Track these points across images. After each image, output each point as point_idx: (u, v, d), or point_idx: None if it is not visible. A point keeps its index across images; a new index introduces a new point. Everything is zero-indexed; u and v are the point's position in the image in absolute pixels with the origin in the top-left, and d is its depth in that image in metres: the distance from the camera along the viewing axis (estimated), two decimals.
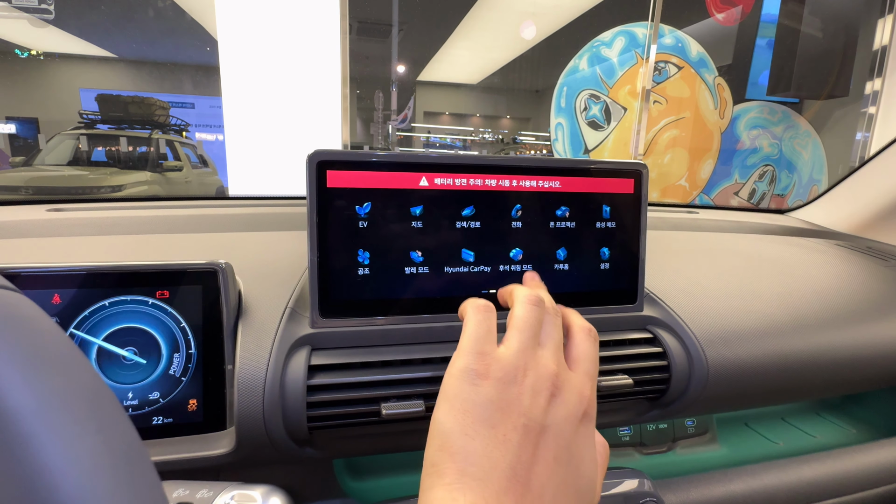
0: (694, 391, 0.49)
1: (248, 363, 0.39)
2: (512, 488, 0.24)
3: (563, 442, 0.26)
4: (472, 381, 0.27)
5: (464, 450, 0.24)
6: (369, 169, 0.42)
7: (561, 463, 0.26)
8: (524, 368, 0.28)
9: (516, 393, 0.27)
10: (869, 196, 0.88)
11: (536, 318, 0.31)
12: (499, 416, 0.26)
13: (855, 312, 0.61)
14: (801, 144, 3.58)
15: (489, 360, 0.28)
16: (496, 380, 0.27)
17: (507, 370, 0.27)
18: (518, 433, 0.25)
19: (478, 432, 0.25)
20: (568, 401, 0.28)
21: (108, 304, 0.39)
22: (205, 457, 0.38)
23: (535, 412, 0.26)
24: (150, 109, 4.73)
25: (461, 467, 0.24)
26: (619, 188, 0.48)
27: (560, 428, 0.27)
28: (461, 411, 0.26)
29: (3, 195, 3.40)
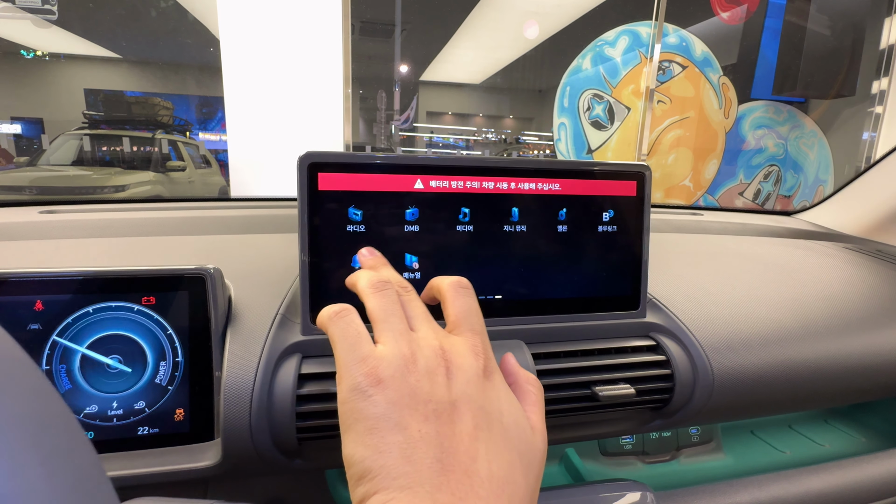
0: (699, 401, 0.47)
1: (236, 372, 0.38)
2: (445, 481, 0.22)
3: (474, 406, 0.25)
4: (365, 394, 0.24)
5: (383, 469, 0.22)
6: (362, 171, 0.41)
7: (481, 427, 0.25)
8: (410, 355, 0.26)
9: (413, 382, 0.25)
10: (878, 198, 0.86)
11: (391, 300, 0.29)
12: (406, 414, 0.24)
13: (865, 318, 0.59)
14: (807, 144, 3.55)
15: (373, 363, 0.25)
16: (388, 379, 0.25)
17: (395, 364, 0.25)
18: (431, 422, 0.24)
19: (391, 444, 0.23)
20: (464, 365, 0.27)
21: (93, 311, 0.37)
22: (190, 469, 0.36)
23: (438, 392, 0.25)
24: (154, 109, 4.74)
25: (385, 486, 0.22)
26: (622, 191, 0.47)
27: (468, 395, 0.26)
28: (367, 432, 0.24)
29: (6, 195, 3.42)
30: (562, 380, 0.44)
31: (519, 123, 6.45)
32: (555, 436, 0.49)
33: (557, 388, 0.44)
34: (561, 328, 0.47)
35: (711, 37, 3.31)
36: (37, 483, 0.13)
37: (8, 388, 0.14)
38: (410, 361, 0.26)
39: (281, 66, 2.38)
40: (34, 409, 0.15)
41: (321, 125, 2.48)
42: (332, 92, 2.46)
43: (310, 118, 2.47)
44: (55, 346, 0.37)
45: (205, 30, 4.08)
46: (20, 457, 0.13)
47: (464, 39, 4.89)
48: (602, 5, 3.73)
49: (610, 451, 0.63)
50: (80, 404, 0.37)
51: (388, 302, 0.29)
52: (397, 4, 4.55)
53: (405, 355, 0.26)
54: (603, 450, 0.63)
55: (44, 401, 0.16)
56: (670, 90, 3.26)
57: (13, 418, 0.14)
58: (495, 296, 0.45)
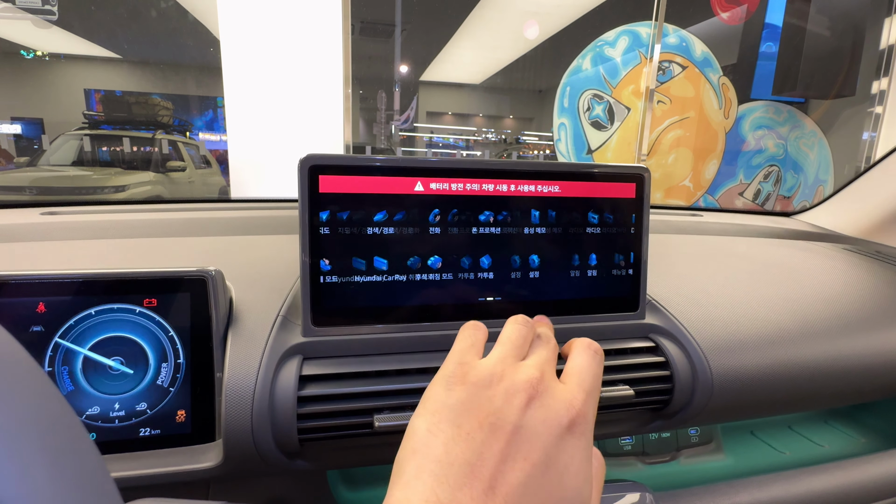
0: (698, 402, 0.48)
1: (237, 373, 0.38)
2: (469, 484, 0.23)
3: (539, 445, 0.25)
4: (448, 385, 0.27)
5: (425, 447, 0.24)
6: (363, 174, 0.41)
7: (537, 466, 0.24)
8: (500, 375, 0.27)
9: (488, 395, 0.26)
10: (877, 199, 0.87)
11: (521, 335, 0.31)
12: (466, 415, 0.25)
13: (864, 319, 0.59)
14: (807, 144, 3.55)
15: (467, 368, 0.28)
16: (470, 384, 0.27)
17: (482, 375, 0.27)
18: (484, 431, 0.25)
19: (442, 430, 0.25)
20: (549, 405, 0.26)
21: (95, 313, 0.38)
22: (191, 470, 0.37)
23: (507, 412, 0.25)
24: (154, 110, 4.74)
25: (420, 464, 0.24)
26: (621, 193, 0.47)
27: (536, 430, 0.25)
28: (431, 412, 0.26)
29: (7, 195, 3.42)
30: None
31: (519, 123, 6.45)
32: None
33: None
34: (560, 329, 0.47)
35: (711, 37, 3.31)
36: (43, 485, 0.14)
37: (14, 392, 0.14)
38: (497, 379, 0.27)
39: (281, 66, 2.39)
40: (40, 411, 0.15)
41: (321, 125, 2.48)
42: (332, 92, 2.46)
43: (310, 118, 2.47)
44: (58, 347, 0.37)
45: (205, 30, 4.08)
46: (27, 459, 0.13)
47: (464, 40, 4.89)
48: (602, 5, 3.73)
49: (610, 452, 0.63)
50: (83, 406, 0.37)
51: (519, 336, 0.31)
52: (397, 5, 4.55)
53: (495, 373, 0.27)
54: (603, 450, 0.63)
55: (49, 403, 0.16)
56: (670, 90, 3.26)
57: (20, 421, 0.14)
58: (495, 297, 0.45)
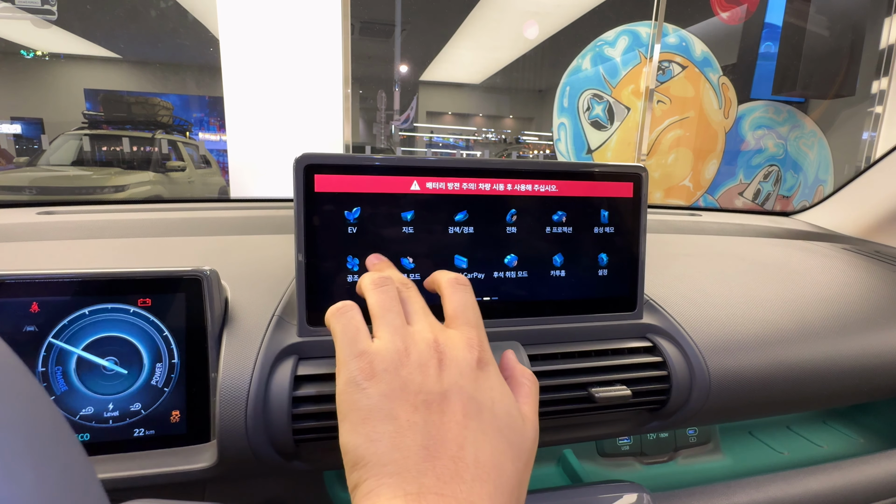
0: (695, 402, 0.47)
1: (232, 374, 0.38)
2: (430, 467, 0.23)
3: (465, 396, 0.26)
4: (360, 387, 0.26)
5: (374, 456, 0.24)
6: (359, 173, 0.41)
7: (471, 416, 0.26)
8: (404, 349, 0.27)
9: (405, 375, 0.26)
10: (876, 198, 0.86)
11: (390, 297, 0.30)
12: (396, 405, 0.25)
13: (863, 319, 0.59)
14: (807, 144, 3.55)
15: (368, 358, 0.27)
16: (382, 372, 0.26)
17: (389, 358, 0.27)
18: (420, 412, 0.25)
19: (381, 433, 0.24)
20: (457, 357, 0.28)
21: (89, 313, 0.37)
22: (186, 471, 0.36)
23: (429, 384, 0.26)
24: (154, 109, 4.74)
25: (375, 472, 0.23)
26: (618, 192, 0.47)
27: (458, 385, 0.26)
28: (360, 422, 0.25)
29: (6, 195, 3.42)
30: (558, 381, 0.44)
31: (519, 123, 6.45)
32: (551, 437, 0.49)
33: (554, 390, 0.44)
34: (558, 329, 0.47)
35: (711, 37, 3.31)
36: (29, 489, 0.13)
37: (1, 394, 0.14)
38: (404, 355, 0.27)
39: (280, 66, 2.38)
40: (26, 413, 0.15)
41: (321, 125, 2.48)
42: (331, 92, 2.46)
43: (309, 118, 2.47)
44: (51, 347, 0.37)
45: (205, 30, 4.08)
46: (13, 463, 0.13)
47: (464, 39, 4.89)
48: (602, 5, 3.73)
49: (607, 452, 0.63)
50: (76, 406, 0.37)
51: (386, 298, 0.30)
52: (397, 4, 4.55)
53: (399, 349, 0.27)
54: (600, 451, 0.63)
55: (35, 405, 0.16)
56: (670, 90, 3.26)
57: (6, 424, 0.14)
58: (492, 297, 0.45)
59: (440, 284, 0.33)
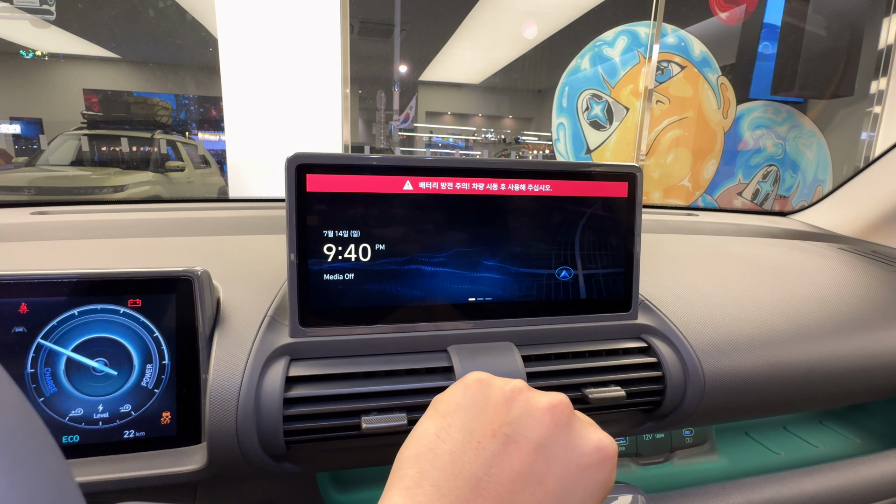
0: (690, 403, 0.47)
1: (222, 375, 0.37)
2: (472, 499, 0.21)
3: (559, 472, 0.22)
4: (465, 387, 0.25)
5: (431, 451, 0.22)
6: (351, 173, 0.40)
7: (551, 496, 0.22)
8: (521, 390, 0.25)
9: (506, 402, 0.24)
10: (873, 198, 0.86)
11: None
12: (480, 420, 0.23)
13: (858, 320, 0.59)
14: (806, 144, 3.55)
15: (488, 379, 0.26)
16: (487, 386, 0.25)
17: (504, 385, 0.25)
18: (497, 442, 0.22)
19: (451, 435, 0.23)
20: (577, 433, 0.24)
21: (78, 314, 0.37)
22: (175, 473, 0.36)
23: (526, 425, 0.23)
24: (153, 109, 4.73)
25: (423, 470, 0.22)
26: (613, 192, 0.47)
27: (558, 454, 0.23)
28: (443, 414, 0.24)
29: (5, 195, 3.41)
30: (552, 382, 0.43)
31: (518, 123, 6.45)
32: None
33: (547, 391, 0.43)
34: (552, 330, 0.46)
35: (710, 37, 3.31)
36: (5, 492, 0.13)
37: None
38: (518, 392, 0.25)
39: (279, 66, 2.38)
40: (1, 417, 0.15)
41: (320, 125, 2.48)
42: (330, 92, 2.46)
43: (308, 118, 2.47)
44: (40, 348, 0.36)
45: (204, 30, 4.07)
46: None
47: (463, 39, 4.89)
48: (601, 5, 3.73)
49: None
50: (66, 407, 0.37)
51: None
52: (396, 4, 4.54)
53: (517, 388, 0.25)
54: None
55: (11, 409, 0.16)
56: (669, 90, 3.26)
57: None
58: (486, 297, 0.44)
59: None
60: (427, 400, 0.40)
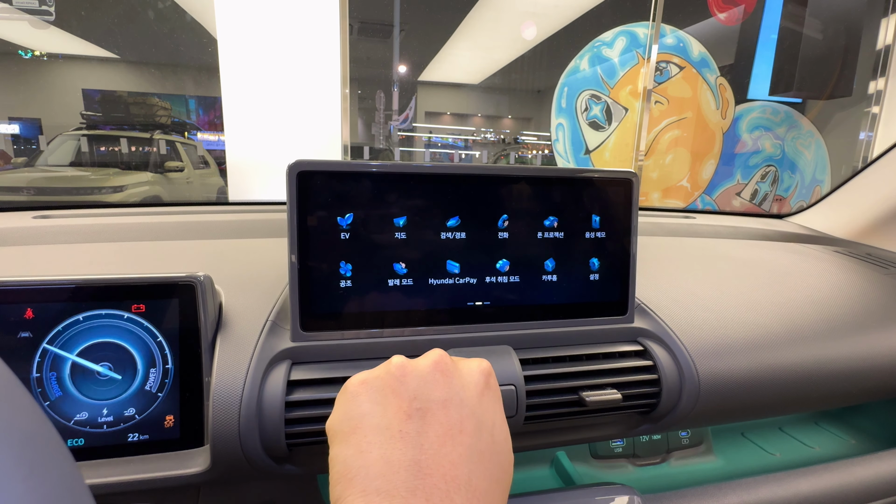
0: (685, 405, 0.48)
1: (225, 379, 0.38)
2: (420, 485, 0.21)
3: (467, 411, 0.24)
4: (353, 397, 0.25)
5: (363, 469, 0.22)
6: (351, 179, 0.41)
7: (470, 433, 0.24)
8: (408, 361, 0.27)
9: (400, 384, 0.25)
10: (869, 202, 0.87)
11: None
12: (390, 413, 0.24)
13: (853, 322, 0.59)
14: (804, 145, 3.56)
15: (366, 376, 0.27)
16: (374, 379, 0.25)
17: (389, 370, 0.26)
18: (414, 420, 0.23)
19: (371, 442, 0.23)
20: (463, 372, 0.27)
21: (83, 319, 0.38)
22: (179, 476, 0.37)
23: (428, 390, 0.25)
24: (152, 110, 4.73)
25: (363, 488, 0.22)
26: (609, 198, 0.47)
27: (461, 397, 0.25)
28: (350, 432, 0.24)
29: (3, 196, 3.41)
30: (549, 385, 0.44)
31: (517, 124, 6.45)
32: (543, 440, 0.49)
33: (545, 394, 0.44)
34: (549, 334, 0.47)
35: (709, 37, 3.32)
36: (20, 498, 0.14)
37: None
38: (407, 364, 0.26)
39: (279, 66, 2.38)
40: (17, 423, 0.15)
41: (319, 126, 2.48)
42: (330, 92, 2.46)
43: (308, 119, 2.47)
44: (45, 353, 0.37)
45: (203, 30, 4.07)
46: (4, 473, 0.14)
47: (462, 40, 4.89)
48: (600, 6, 3.73)
49: (601, 455, 0.63)
50: (71, 411, 0.37)
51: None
52: (395, 5, 4.55)
53: (401, 365, 0.26)
54: (594, 453, 0.63)
55: (26, 415, 0.16)
56: (668, 91, 3.27)
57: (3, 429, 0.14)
58: (484, 302, 0.45)
59: None
60: None
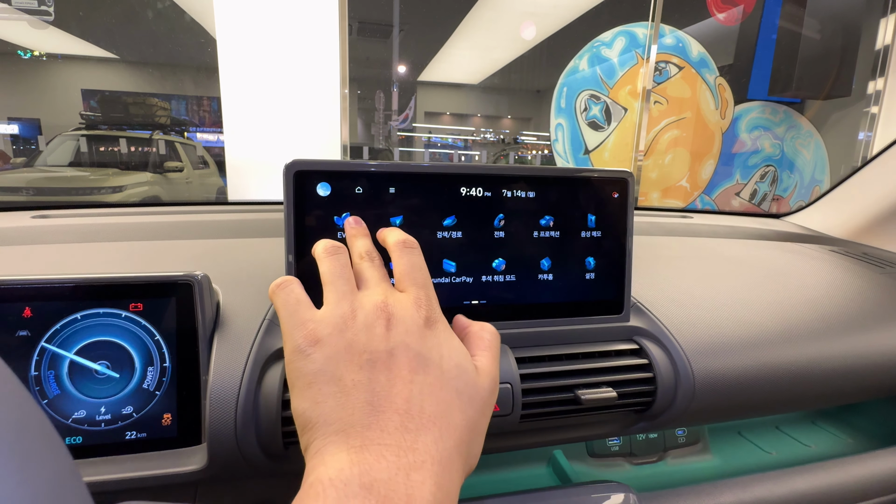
0: (680, 404, 0.48)
1: (222, 377, 0.38)
2: (374, 421, 0.24)
3: (411, 353, 0.26)
4: (304, 355, 0.26)
5: (320, 417, 0.24)
6: (348, 179, 0.41)
7: (417, 371, 0.26)
8: (350, 312, 0.28)
9: (350, 337, 0.27)
10: (865, 201, 0.87)
11: (341, 264, 0.31)
12: (342, 366, 0.26)
13: (848, 321, 0.60)
14: (803, 145, 3.56)
15: (312, 326, 0.27)
16: (326, 337, 0.26)
17: (334, 322, 0.27)
18: (365, 371, 0.25)
19: (325, 394, 0.25)
20: (404, 317, 0.28)
21: (81, 318, 0.38)
22: (176, 473, 0.37)
23: (375, 343, 0.26)
24: (151, 110, 4.73)
25: (322, 432, 0.24)
26: (605, 196, 0.47)
27: (405, 343, 0.27)
28: (306, 386, 0.25)
29: (2, 196, 3.41)
30: (545, 383, 0.44)
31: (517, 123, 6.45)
32: (540, 438, 0.50)
33: (541, 392, 0.44)
34: (545, 332, 0.47)
35: (708, 38, 3.32)
36: (12, 491, 0.14)
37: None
38: (350, 318, 0.27)
39: (278, 66, 2.39)
40: (10, 415, 0.16)
41: (319, 126, 2.48)
42: (329, 92, 2.46)
43: (307, 119, 2.47)
44: (44, 352, 0.37)
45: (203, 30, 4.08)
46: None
47: (461, 40, 4.90)
48: (599, 6, 3.74)
49: (597, 453, 0.63)
50: (69, 409, 0.38)
51: (336, 265, 0.31)
52: (395, 5, 4.55)
53: (345, 314, 0.28)
54: (590, 451, 0.63)
55: (19, 407, 0.17)
56: (667, 91, 3.27)
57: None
58: (480, 301, 0.45)
59: (388, 245, 0.33)
60: None
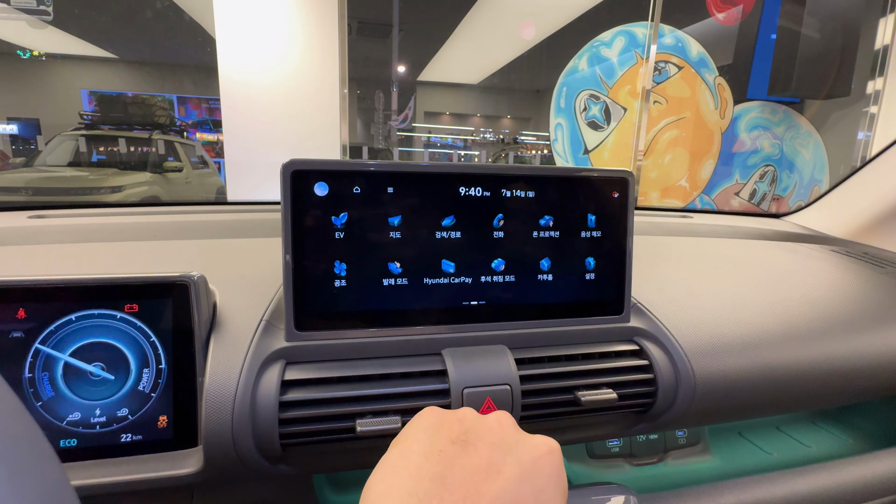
0: (681, 405, 0.48)
1: (218, 379, 0.38)
2: (439, 495, 0.22)
3: (513, 458, 0.25)
4: (419, 416, 0.28)
5: (396, 468, 0.24)
6: (346, 178, 0.41)
7: (512, 481, 0.24)
8: (471, 411, 0.29)
9: (458, 418, 0.27)
10: (865, 201, 0.87)
11: None
12: (437, 435, 0.26)
13: (849, 321, 0.59)
14: (803, 144, 3.56)
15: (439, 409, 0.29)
16: (438, 413, 0.28)
17: (450, 413, 0.28)
18: (456, 447, 0.25)
19: (412, 450, 0.25)
20: (527, 437, 0.27)
21: (75, 319, 0.38)
22: (172, 476, 0.37)
23: (479, 429, 0.27)
24: (151, 110, 4.73)
25: (391, 484, 0.23)
26: (605, 196, 0.47)
27: (509, 449, 0.26)
28: (402, 440, 0.26)
29: (2, 196, 3.41)
30: (545, 385, 0.44)
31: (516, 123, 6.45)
32: None
33: (541, 394, 0.44)
34: (545, 333, 0.47)
35: (707, 37, 3.32)
36: (2, 499, 0.14)
37: None
38: (464, 417, 0.28)
39: (278, 66, 2.38)
40: (2, 425, 0.15)
41: (318, 126, 2.48)
42: (329, 92, 2.46)
43: (307, 119, 2.47)
44: (38, 353, 0.37)
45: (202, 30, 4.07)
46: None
47: (461, 40, 4.89)
48: (598, 6, 3.74)
49: (597, 454, 0.63)
50: (64, 412, 0.37)
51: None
52: (395, 5, 4.55)
53: (471, 411, 0.29)
54: (590, 453, 0.63)
55: (10, 416, 0.16)
56: (666, 91, 3.27)
57: None
58: (479, 301, 0.45)
59: None
60: (422, 403, 0.40)
